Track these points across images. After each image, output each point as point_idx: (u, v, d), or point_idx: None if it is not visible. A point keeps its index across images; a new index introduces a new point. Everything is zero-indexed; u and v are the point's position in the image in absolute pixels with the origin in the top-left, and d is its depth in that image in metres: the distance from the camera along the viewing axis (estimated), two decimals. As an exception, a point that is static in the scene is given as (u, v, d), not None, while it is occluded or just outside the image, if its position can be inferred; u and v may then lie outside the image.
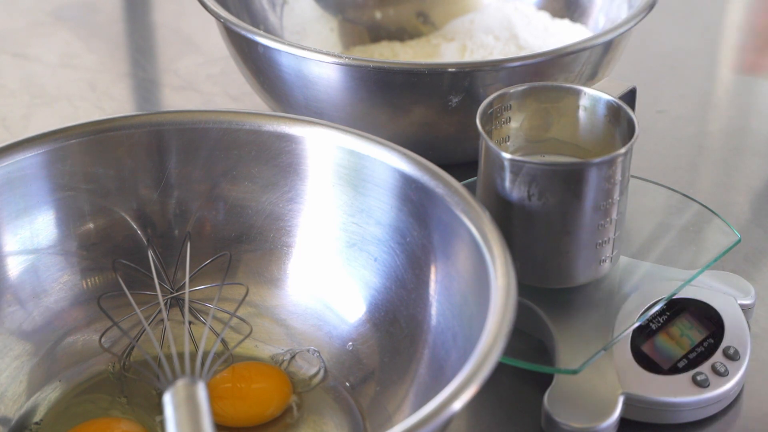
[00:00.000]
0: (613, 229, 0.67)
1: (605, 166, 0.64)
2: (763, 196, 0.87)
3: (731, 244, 0.73)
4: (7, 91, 1.00)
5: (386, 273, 0.67)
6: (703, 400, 0.66)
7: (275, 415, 0.65)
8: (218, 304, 0.69)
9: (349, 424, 0.65)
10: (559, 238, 0.66)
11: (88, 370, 0.68)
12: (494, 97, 0.68)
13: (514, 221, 0.66)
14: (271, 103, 0.88)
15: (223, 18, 0.84)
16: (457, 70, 0.79)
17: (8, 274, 0.68)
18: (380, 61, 0.84)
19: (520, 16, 0.99)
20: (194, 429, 0.55)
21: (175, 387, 0.57)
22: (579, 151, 0.70)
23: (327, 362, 0.68)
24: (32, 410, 0.65)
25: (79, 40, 1.09)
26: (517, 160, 0.64)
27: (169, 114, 0.71)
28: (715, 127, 0.95)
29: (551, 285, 0.68)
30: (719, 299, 0.71)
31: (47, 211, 0.69)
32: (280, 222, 0.71)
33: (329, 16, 1.01)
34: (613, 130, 0.68)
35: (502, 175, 0.65)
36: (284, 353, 0.69)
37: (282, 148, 0.70)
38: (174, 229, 0.71)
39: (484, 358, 0.53)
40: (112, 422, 0.64)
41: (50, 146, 0.68)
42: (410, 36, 1.02)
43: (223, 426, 0.64)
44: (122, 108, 0.98)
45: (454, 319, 0.63)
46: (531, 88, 0.69)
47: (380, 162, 0.67)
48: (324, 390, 0.67)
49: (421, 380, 0.64)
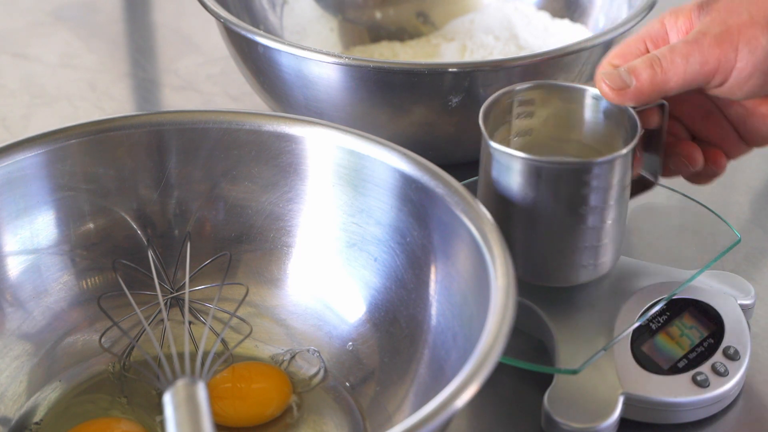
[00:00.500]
0: (614, 228, 0.67)
1: (608, 166, 0.64)
2: (763, 196, 0.87)
3: (731, 244, 0.73)
4: (7, 91, 1.00)
5: (386, 273, 0.67)
6: (703, 400, 0.66)
7: (275, 415, 0.65)
8: (218, 304, 0.69)
9: (349, 424, 0.65)
10: (561, 236, 0.66)
11: (88, 370, 0.68)
12: (498, 95, 0.68)
13: (515, 219, 0.66)
14: (271, 103, 0.88)
15: (223, 18, 0.84)
16: (457, 70, 0.79)
17: (8, 274, 0.68)
18: (380, 61, 0.84)
19: (520, 16, 0.99)
20: (194, 429, 0.55)
21: (175, 387, 0.57)
22: (584, 150, 0.70)
23: (327, 362, 0.68)
24: (32, 410, 0.65)
25: (79, 40, 1.09)
26: (520, 158, 0.64)
27: (169, 114, 0.71)
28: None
29: (553, 284, 0.68)
30: (719, 299, 0.71)
31: (47, 211, 0.69)
32: (280, 222, 0.71)
33: (329, 16, 1.01)
34: (616, 131, 0.68)
35: (505, 172, 0.65)
36: (284, 353, 0.69)
37: (282, 148, 0.70)
38: (174, 229, 0.71)
39: (484, 358, 0.53)
40: (112, 422, 0.64)
41: (50, 146, 0.68)
42: (410, 36, 1.02)
43: (223, 426, 0.64)
44: (122, 108, 0.98)
45: (454, 319, 0.63)
46: (536, 86, 0.69)
47: (380, 162, 0.67)
48: (324, 390, 0.67)
49: (421, 380, 0.64)
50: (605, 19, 0.95)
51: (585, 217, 0.65)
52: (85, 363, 0.68)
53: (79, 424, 0.64)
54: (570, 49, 0.80)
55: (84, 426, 0.64)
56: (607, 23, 0.95)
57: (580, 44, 0.81)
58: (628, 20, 0.83)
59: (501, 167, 0.65)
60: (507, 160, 0.65)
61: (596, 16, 0.97)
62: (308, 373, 0.68)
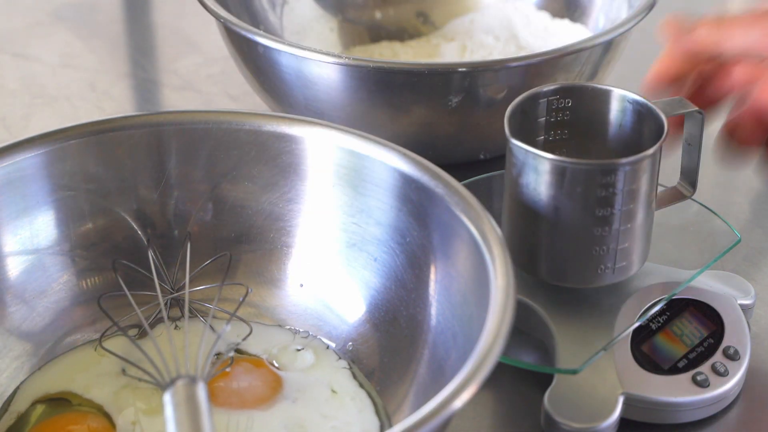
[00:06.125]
0: (639, 231, 0.66)
1: (633, 167, 0.64)
2: (763, 196, 0.87)
3: (731, 244, 0.73)
4: (7, 91, 1.00)
5: (386, 273, 0.67)
6: (703, 400, 0.66)
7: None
8: (218, 304, 0.69)
9: (349, 424, 0.65)
10: (585, 237, 0.66)
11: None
12: (524, 97, 0.68)
13: (539, 219, 0.66)
14: (271, 103, 0.88)
15: (223, 18, 0.84)
16: (457, 70, 0.79)
17: (8, 274, 0.68)
18: (380, 61, 0.84)
19: (520, 16, 0.99)
20: (194, 429, 0.56)
21: (175, 387, 0.57)
22: (610, 152, 0.70)
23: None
24: (32, 410, 0.65)
25: (79, 40, 1.09)
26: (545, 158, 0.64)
27: (169, 114, 0.71)
28: (715, 127, 0.95)
29: (575, 285, 0.68)
30: (719, 299, 0.71)
31: (47, 211, 0.69)
32: (280, 222, 0.71)
33: (329, 16, 1.01)
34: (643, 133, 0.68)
35: (530, 172, 0.65)
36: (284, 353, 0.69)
37: (282, 149, 0.70)
38: (174, 229, 0.71)
39: (484, 358, 0.53)
40: (79, 417, 0.64)
41: (50, 146, 0.68)
42: (410, 36, 1.02)
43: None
44: (122, 108, 0.98)
45: (454, 319, 0.63)
46: (563, 87, 0.69)
47: (380, 162, 0.67)
48: (324, 390, 0.67)
49: (421, 380, 0.64)
50: (605, 19, 0.95)
51: (609, 218, 0.65)
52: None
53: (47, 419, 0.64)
54: (570, 49, 0.80)
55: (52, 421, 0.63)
56: (607, 23, 0.95)
57: (580, 44, 0.81)
58: (628, 20, 0.83)
59: (525, 167, 0.65)
60: (532, 160, 0.65)
61: (596, 16, 0.97)
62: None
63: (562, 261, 0.67)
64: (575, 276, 0.68)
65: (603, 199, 0.64)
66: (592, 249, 0.66)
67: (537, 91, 0.69)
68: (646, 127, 0.68)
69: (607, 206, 0.65)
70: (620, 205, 0.65)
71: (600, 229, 0.65)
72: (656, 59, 0.71)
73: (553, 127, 0.70)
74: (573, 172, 0.64)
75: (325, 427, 0.63)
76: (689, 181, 0.72)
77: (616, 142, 0.70)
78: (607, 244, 0.66)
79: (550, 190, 0.65)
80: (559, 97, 0.69)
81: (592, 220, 0.65)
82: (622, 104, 0.69)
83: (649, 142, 0.66)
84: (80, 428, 0.63)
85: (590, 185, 0.64)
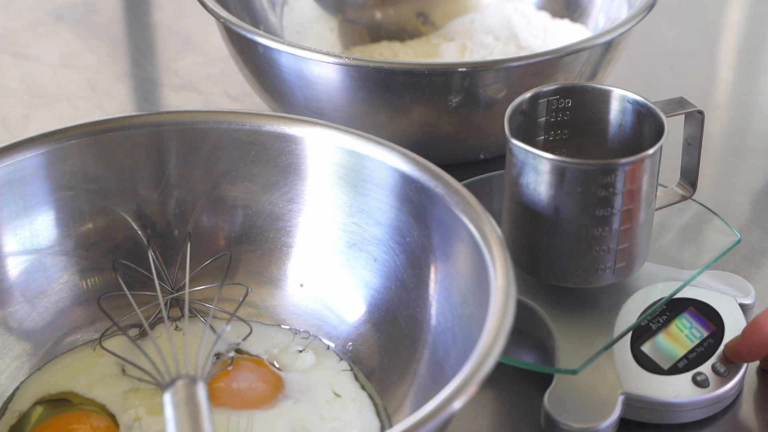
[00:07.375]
0: (639, 231, 0.66)
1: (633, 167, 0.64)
2: (763, 196, 0.87)
3: (731, 244, 0.73)
4: (7, 91, 1.00)
5: (386, 273, 0.68)
6: (703, 400, 0.66)
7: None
8: (218, 304, 0.69)
9: (349, 424, 0.65)
10: (585, 237, 0.66)
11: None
12: (524, 97, 0.68)
13: (539, 219, 0.66)
14: (271, 103, 0.88)
15: (223, 18, 0.84)
16: (457, 70, 0.79)
17: (8, 274, 0.68)
18: (380, 61, 0.84)
19: (520, 16, 0.99)
20: (194, 429, 0.56)
21: (175, 387, 0.57)
22: (610, 153, 0.70)
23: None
24: (32, 410, 0.65)
25: (79, 40, 1.09)
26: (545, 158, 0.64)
27: (169, 114, 0.71)
28: (715, 127, 0.95)
29: (575, 285, 0.68)
30: (719, 299, 0.71)
31: (47, 211, 0.69)
32: (280, 222, 0.71)
33: (329, 16, 1.01)
34: (643, 134, 0.68)
35: (530, 172, 0.65)
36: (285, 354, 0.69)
37: (282, 149, 0.70)
38: (174, 229, 0.71)
39: (484, 358, 0.53)
40: (82, 416, 0.64)
41: (50, 146, 0.68)
42: (410, 36, 1.02)
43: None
44: (122, 108, 0.98)
45: (454, 319, 0.63)
46: (563, 87, 0.69)
47: (380, 162, 0.67)
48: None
49: (421, 380, 0.64)
50: (605, 19, 0.95)
51: (609, 218, 0.65)
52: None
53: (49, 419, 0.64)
54: (570, 49, 0.80)
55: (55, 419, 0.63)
56: (607, 23, 0.95)
57: (580, 44, 0.81)
58: (628, 20, 0.83)
59: (525, 167, 0.65)
60: (532, 160, 0.65)
61: (596, 16, 0.97)
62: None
63: (562, 261, 0.67)
64: (575, 276, 0.68)
65: (603, 199, 0.65)
66: (592, 249, 0.66)
67: (537, 91, 0.69)
68: (646, 127, 0.68)
69: (607, 206, 0.65)
70: (620, 205, 0.65)
71: (600, 229, 0.65)
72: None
73: (553, 127, 0.70)
74: (573, 172, 0.64)
75: (325, 428, 0.63)
76: (689, 181, 0.72)
77: (616, 142, 0.70)
78: (607, 244, 0.66)
79: (550, 190, 0.65)
80: (559, 97, 0.69)
81: (592, 221, 0.65)
82: (622, 104, 0.69)
83: (649, 142, 0.66)
84: (84, 427, 0.63)
85: (590, 185, 0.64)
